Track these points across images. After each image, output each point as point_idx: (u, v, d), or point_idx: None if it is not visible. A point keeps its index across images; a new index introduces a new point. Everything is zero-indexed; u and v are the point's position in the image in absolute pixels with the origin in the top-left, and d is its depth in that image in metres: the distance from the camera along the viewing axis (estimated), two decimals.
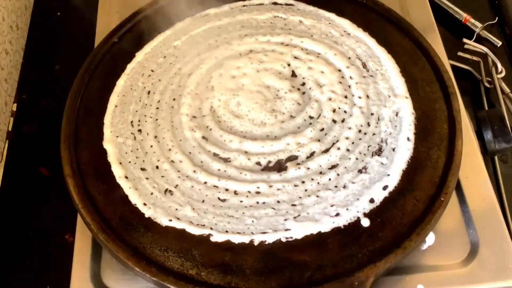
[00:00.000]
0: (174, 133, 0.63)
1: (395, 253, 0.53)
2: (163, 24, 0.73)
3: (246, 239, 0.55)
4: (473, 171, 0.62)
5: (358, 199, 0.57)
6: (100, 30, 0.75)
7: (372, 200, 0.57)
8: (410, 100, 0.64)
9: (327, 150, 0.61)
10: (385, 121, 0.63)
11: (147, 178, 0.60)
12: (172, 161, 0.61)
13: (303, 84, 0.67)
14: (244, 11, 0.75)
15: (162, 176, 0.60)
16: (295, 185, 0.58)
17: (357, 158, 0.60)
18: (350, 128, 0.62)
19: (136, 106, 0.66)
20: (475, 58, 0.78)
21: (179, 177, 0.59)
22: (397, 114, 0.63)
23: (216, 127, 0.63)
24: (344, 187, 0.58)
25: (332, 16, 0.73)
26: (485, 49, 0.77)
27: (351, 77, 0.67)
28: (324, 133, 0.62)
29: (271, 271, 0.53)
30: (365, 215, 0.56)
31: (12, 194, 0.67)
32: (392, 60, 0.68)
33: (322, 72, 0.67)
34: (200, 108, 0.66)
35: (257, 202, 0.57)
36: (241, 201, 0.57)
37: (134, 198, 0.58)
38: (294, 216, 0.56)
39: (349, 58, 0.69)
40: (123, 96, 0.67)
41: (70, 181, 0.59)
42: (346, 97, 0.65)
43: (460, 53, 0.78)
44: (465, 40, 0.79)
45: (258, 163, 0.60)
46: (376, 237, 0.54)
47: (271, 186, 0.58)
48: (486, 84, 0.76)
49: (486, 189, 0.61)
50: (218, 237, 0.55)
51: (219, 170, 0.60)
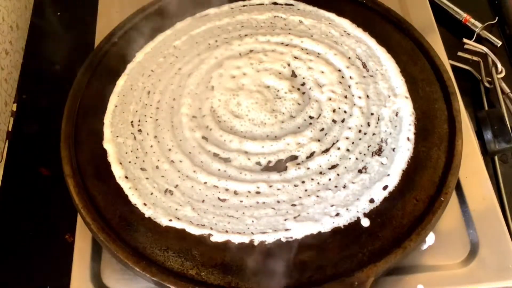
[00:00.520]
0: (174, 133, 0.63)
1: (395, 253, 0.53)
2: (163, 24, 0.73)
3: (246, 239, 0.55)
4: (473, 171, 0.62)
5: (358, 199, 0.57)
6: (100, 30, 0.75)
7: (372, 200, 0.57)
8: (410, 100, 0.64)
9: (327, 150, 0.61)
10: (385, 121, 0.63)
11: (147, 178, 0.60)
12: (172, 161, 0.61)
13: (303, 84, 0.67)
14: (244, 11, 0.75)
15: (162, 176, 0.60)
16: (295, 185, 0.58)
17: (357, 158, 0.60)
18: (350, 128, 0.62)
19: (136, 106, 0.66)
20: (475, 58, 0.78)
21: (179, 177, 0.59)
22: (397, 114, 0.63)
23: (216, 127, 0.63)
24: (344, 187, 0.58)
25: (332, 16, 0.73)
26: (485, 49, 0.77)
27: (351, 77, 0.67)
28: (324, 133, 0.62)
29: (271, 271, 0.53)
30: (365, 215, 0.56)
31: (12, 194, 0.67)
32: (392, 60, 0.68)
33: (322, 72, 0.67)
34: (200, 108, 0.66)
35: (257, 202, 0.57)
36: (241, 201, 0.57)
37: (134, 198, 0.58)
38: (294, 216, 0.56)
39: (349, 58, 0.69)
40: (123, 96, 0.67)
41: (70, 181, 0.59)
42: (346, 97, 0.65)
43: (460, 53, 0.78)
44: (465, 40, 0.79)
45: (258, 163, 0.60)
46: (376, 237, 0.54)
47: (271, 186, 0.58)
48: (486, 84, 0.76)
49: (486, 189, 0.61)
50: (218, 237, 0.55)
51: (219, 170, 0.60)
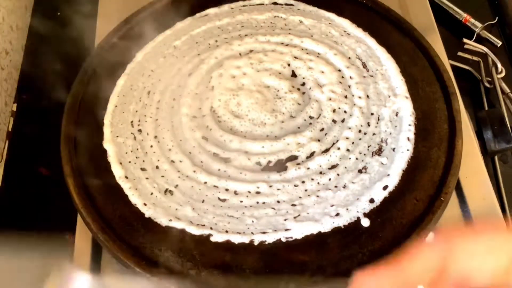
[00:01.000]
0: (174, 133, 0.63)
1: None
2: (163, 24, 0.73)
3: (246, 239, 0.55)
4: (473, 171, 0.62)
5: (358, 199, 0.57)
6: (100, 30, 0.75)
7: (372, 200, 0.57)
8: (410, 100, 0.64)
9: (327, 150, 0.61)
10: (385, 121, 0.63)
11: (147, 178, 0.60)
12: (172, 161, 0.61)
13: (303, 84, 0.67)
14: (244, 11, 0.75)
15: (162, 176, 0.60)
16: (295, 185, 0.58)
17: (357, 158, 0.60)
18: (350, 128, 0.62)
19: (136, 106, 0.66)
20: (475, 58, 0.78)
21: (179, 177, 0.59)
22: (397, 114, 0.63)
23: (216, 127, 0.63)
24: (344, 187, 0.58)
25: (332, 16, 0.73)
26: (485, 49, 0.77)
27: (351, 77, 0.67)
28: (324, 133, 0.62)
29: (271, 271, 0.53)
30: (365, 215, 0.56)
31: (12, 194, 0.67)
32: (392, 60, 0.68)
33: (322, 72, 0.67)
34: (200, 108, 0.65)
35: (257, 202, 0.57)
36: (241, 201, 0.57)
37: (134, 198, 0.58)
38: (294, 216, 0.56)
39: (349, 58, 0.69)
40: (123, 96, 0.67)
41: (70, 181, 0.59)
42: (346, 97, 0.65)
43: (460, 53, 0.78)
44: (465, 40, 0.79)
45: (258, 163, 0.60)
46: (376, 237, 0.54)
47: (271, 186, 0.58)
48: (486, 84, 0.76)
49: (486, 189, 0.61)
50: (218, 237, 0.55)
51: (219, 170, 0.60)
